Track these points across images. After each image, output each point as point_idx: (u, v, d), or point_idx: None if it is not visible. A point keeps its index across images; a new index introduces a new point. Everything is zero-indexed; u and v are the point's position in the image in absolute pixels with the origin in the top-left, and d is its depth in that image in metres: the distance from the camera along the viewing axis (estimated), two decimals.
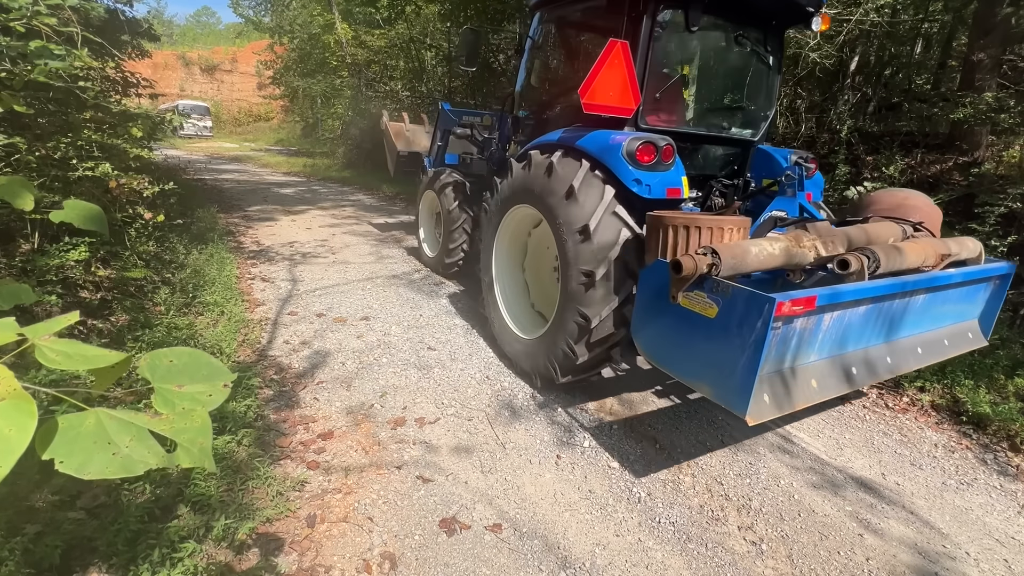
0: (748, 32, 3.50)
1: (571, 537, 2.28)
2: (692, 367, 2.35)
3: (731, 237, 2.53)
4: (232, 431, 2.62)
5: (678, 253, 2.49)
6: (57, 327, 0.75)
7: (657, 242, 2.63)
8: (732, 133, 3.71)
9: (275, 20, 25.26)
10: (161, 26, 19.25)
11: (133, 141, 4.66)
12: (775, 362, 2.25)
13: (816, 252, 2.53)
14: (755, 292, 2.01)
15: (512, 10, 11.79)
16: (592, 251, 2.87)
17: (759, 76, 3.67)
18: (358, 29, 17.18)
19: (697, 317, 2.22)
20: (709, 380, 2.24)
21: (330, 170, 16.22)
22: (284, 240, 7.15)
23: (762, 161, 3.84)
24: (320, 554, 2.08)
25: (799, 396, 2.27)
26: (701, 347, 2.25)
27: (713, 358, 2.19)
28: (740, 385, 2.06)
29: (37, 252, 3.35)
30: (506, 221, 3.78)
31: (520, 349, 3.61)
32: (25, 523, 1.87)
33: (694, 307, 2.23)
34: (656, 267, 2.45)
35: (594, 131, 3.15)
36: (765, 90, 3.72)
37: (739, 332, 2.06)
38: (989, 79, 6.79)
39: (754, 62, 3.62)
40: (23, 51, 3.05)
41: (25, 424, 0.59)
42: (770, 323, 1.95)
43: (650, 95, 3.23)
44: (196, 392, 0.74)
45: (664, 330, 2.44)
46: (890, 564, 2.26)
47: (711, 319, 2.16)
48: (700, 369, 2.29)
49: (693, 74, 3.51)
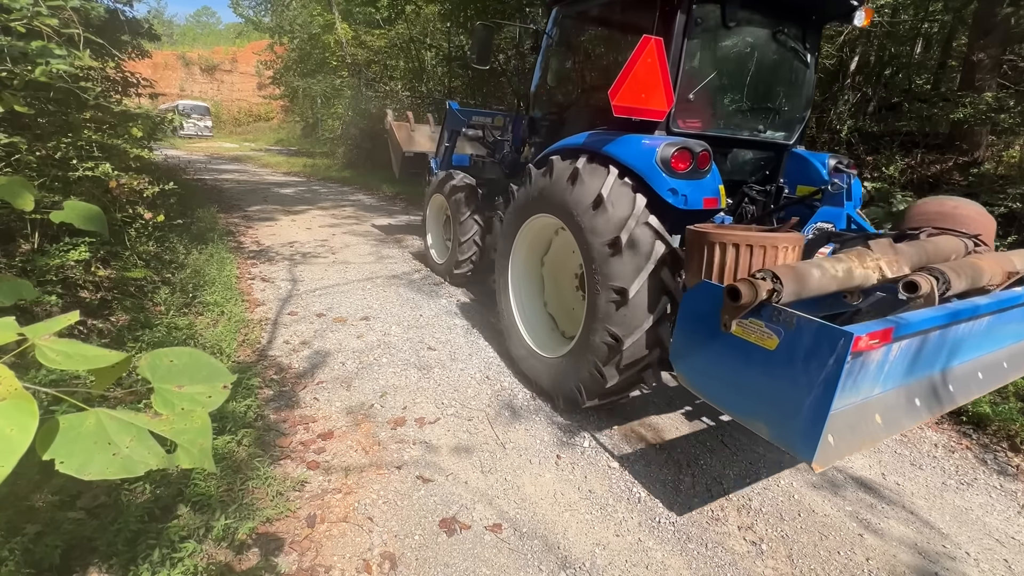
0: (787, 28, 3.27)
1: (571, 537, 2.28)
2: (745, 403, 2.09)
3: (785, 256, 2.28)
4: (232, 431, 2.62)
5: (725, 274, 2.27)
6: (57, 327, 0.75)
7: (700, 261, 2.37)
8: (766, 136, 3.47)
9: (275, 20, 25.27)
10: (161, 26, 19.26)
11: (133, 141, 4.66)
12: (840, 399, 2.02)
13: (880, 272, 2.28)
14: (827, 324, 1.79)
15: (512, 10, 11.77)
16: (624, 266, 2.65)
17: (796, 75, 3.44)
18: (358, 29, 17.20)
19: (753, 348, 1.98)
20: (766, 418, 2.00)
21: (330, 170, 16.23)
22: (284, 240, 7.15)
23: (797, 166, 3.60)
24: (320, 554, 2.08)
25: (864, 435, 2.02)
26: (757, 381, 2.02)
27: (772, 395, 1.95)
28: (806, 428, 1.83)
29: (37, 252, 3.35)
30: (524, 231, 3.55)
31: (540, 368, 3.37)
32: (25, 523, 1.87)
33: (749, 337, 2.00)
34: (702, 290, 2.20)
35: (622, 135, 2.94)
36: (801, 90, 3.49)
37: (805, 368, 1.83)
38: (989, 79, 6.79)
39: (791, 60, 3.39)
40: (25, 51, 3.05)
41: (26, 424, 0.59)
42: (845, 360, 1.72)
43: (682, 96, 3.01)
44: (196, 393, 0.75)
45: (712, 360, 2.18)
46: (890, 564, 2.26)
47: (770, 351, 1.93)
48: (755, 406, 2.04)
49: (728, 73, 3.28)
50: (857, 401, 1.99)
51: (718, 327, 2.09)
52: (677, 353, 2.36)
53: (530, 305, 3.73)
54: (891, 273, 2.31)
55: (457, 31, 14.12)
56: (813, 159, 3.55)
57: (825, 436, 1.81)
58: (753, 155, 3.59)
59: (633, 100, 2.75)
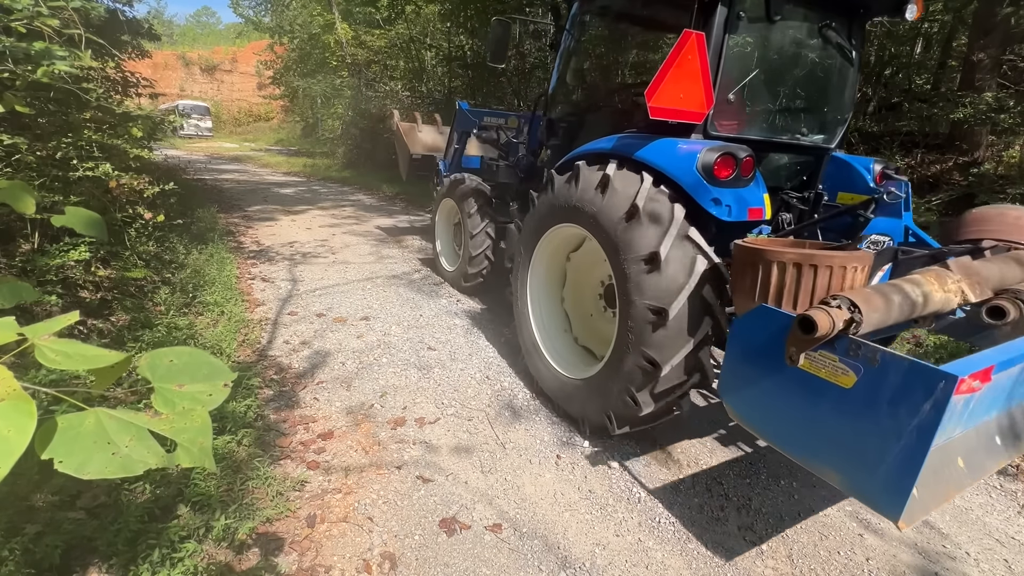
0: (834, 22, 3.02)
1: (571, 537, 2.28)
2: (811, 446, 1.85)
3: (853, 278, 2.02)
4: (232, 431, 2.62)
5: (784, 297, 2.03)
6: (57, 327, 0.75)
7: (753, 281, 2.11)
8: (808, 139, 3.20)
9: (275, 20, 25.30)
10: (161, 26, 19.26)
11: (133, 141, 4.66)
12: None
13: (962, 296, 2.04)
14: (922, 363, 1.55)
15: (511, 10, 11.77)
16: (662, 284, 2.42)
17: (840, 74, 3.19)
18: (358, 29, 17.21)
19: (823, 385, 1.75)
20: (838, 466, 1.77)
21: (330, 170, 16.23)
22: (284, 240, 7.15)
23: (838, 171, 3.35)
24: (320, 554, 2.08)
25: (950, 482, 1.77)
26: (827, 423, 1.77)
27: (847, 440, 1.72)
28: (892, 481, 1.59)
29: (37, 252, 3.35)
30: (544, 242, 3.31)
31: (562, 389, 3.14)
32: (25, 523, 1.87)
33: (819, 372, 1.77)
34: (759, 316, 1.97)
35: (655, 138, 2.72)
36: (845, 90, 3.24)
37: (892, 412, 1.59)
38: (989, 79, 6.79)
39: (836, 58, 3.14)
40: (26, 52, 3.05)
41: (24, 425, 0.59)
42: (946, 406, 1.48)
43: (721, 96, 2.78)
44: (196, 391, 0.75)
45: (771, 396, 1.95)
46: (890, 564, 2.26)
47: (845, 389, 1.70)
48: (824, 450, 1.81)
49: (769, 72, 3.03)
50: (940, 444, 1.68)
51: (779, 358, 1.84)
52: (727, 385, 2.11)
53: (551, 320, 3.50)
54: (974, 297, 2.05)
55: (457, 31, 14.12)
56: (856, 164, 3.31)
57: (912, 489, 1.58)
58: (791, 160, 3.32)
59: (671, 101, 2.52)
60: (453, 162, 5.79)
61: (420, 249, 7.09)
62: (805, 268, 1.99)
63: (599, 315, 3.27)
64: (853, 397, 1.68)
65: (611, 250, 2.66)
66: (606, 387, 2.74)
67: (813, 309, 1.73)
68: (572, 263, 3.44)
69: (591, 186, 2.79)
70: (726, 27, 2.66)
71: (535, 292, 3.50)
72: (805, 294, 2.00)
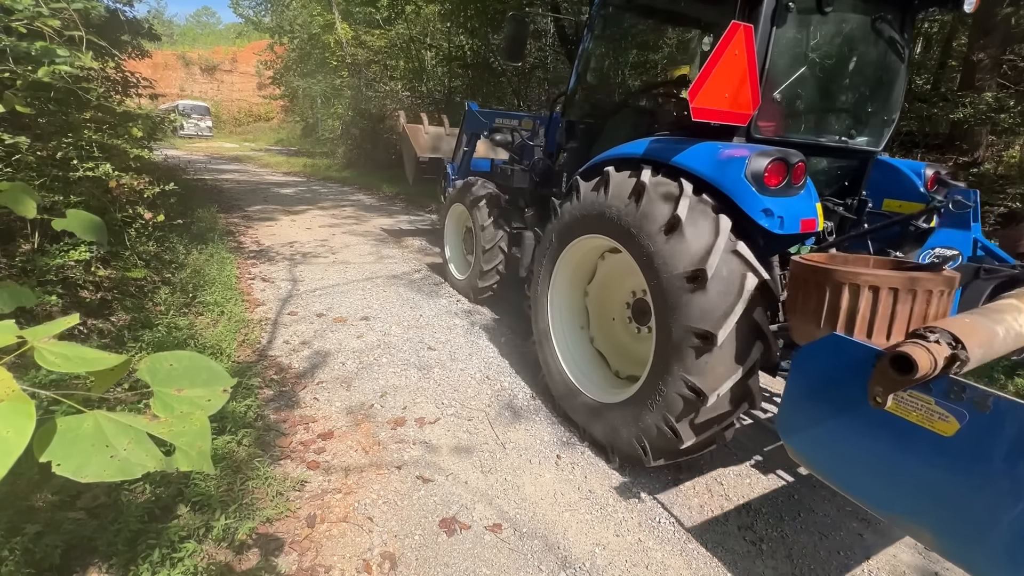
0: (887, 16, 2.80)
1: (571, 537, 2.28)
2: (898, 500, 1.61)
3: (939, 304, 1.78)
4: (232, 431, 2.62)
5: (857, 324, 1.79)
6: (57, 329, 0.75)
7: (819, 304, 1.87)
8: (855, 142, 2.96)
9: (275, 20, 25.31)
10: (161, 26, 19.27)
11: (133, 141, 4.67)
12: None
13: None
14: None
15: (512, 10, 11.77)
16: (708, 304, 2.19)
17: (891, 71, 2.96)
18: (358, 29, 17.21)
19: (915, 430, 1.50)
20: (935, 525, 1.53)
21: (330, 170, 16.24)
22: (284, 240, 7.15)
23: (884, 176, 3.10)
24: (320, 554, 2.09)
25: None
26: (920, 475, 1.53)
27: (947, 497, 1.47)
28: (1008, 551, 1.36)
29: (37, 252, 3.35)
30: (567, 253, 3.08)
31: (586, 411, 2.92)
32: (25, 523, 1.88)
33: (910, 416, 1.51)
34: (832, 346, 1.70)
35: (693, 142, 2.50)
36: (894, 89, 3.01)
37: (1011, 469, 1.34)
38: (989, 79, 6.79)
39: (888, 54, 2.91)
40: (28, 52, 3.05)
41: (23, 426, 0.59)
42: None
43: (766, 96, 2.56)
44: (195, 396, 0.75)
45: (846, 439, 1.69)
46: (890, 564, 2.26)
47: (945, 438, 1.45)
48: (915, 506, 1.57)
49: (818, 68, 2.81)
50: None
51: (855, 396, 1.59)
52: (789, 424, 1.87)
53: (573, 336, 3.27)
54: None
55: (457, 31, 14.12)
56: (905, 168, 3.07)
57: None
58: (833, 163, 3.07)
59: (716, 101, 2.29)
60: (462, 165, 5.64)
61: (420, 249, 7.10)
62: (884, 292, 1.75)
63: (627, 333, 3.05)
64: (955, 447, 1.43)
65: (647, 265, 2.41)
66: (640, 414, 2.51)
67: (909, 345, 1.44)
68: (597, 277, 3.22)
69: (623, 194, 2.56)
70: (774, 19, 2.43)
71: (556, 305, 3.27)
72: (882, 321, 1.77)
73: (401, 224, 8.82)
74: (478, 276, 4.76)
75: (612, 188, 2.64)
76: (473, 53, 13.81)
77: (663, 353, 2.37)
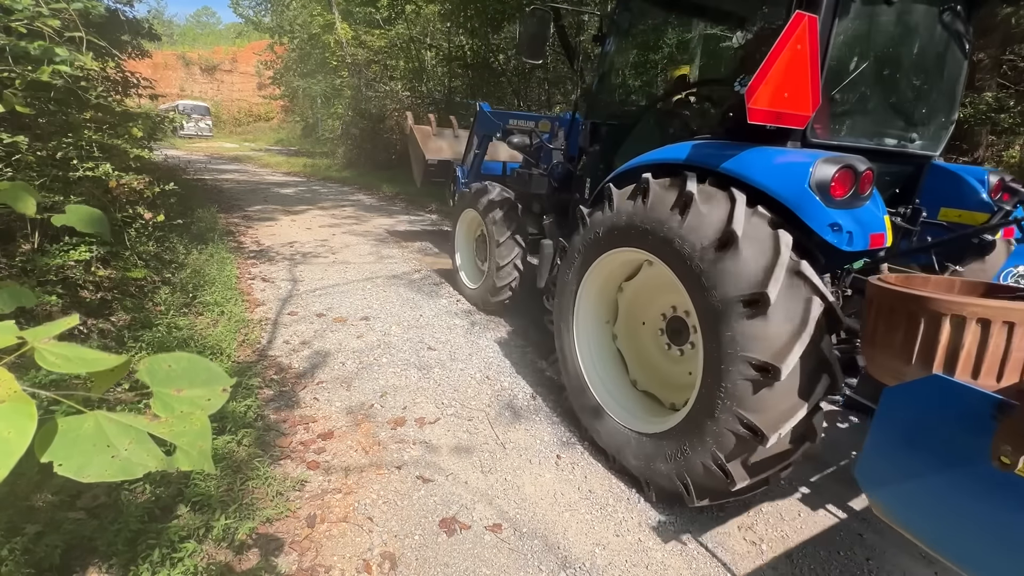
0: (955, 6, 2.56)
1: (571, 537, 2.28)
2: None
3: None
4: (232, 431, 2.62)
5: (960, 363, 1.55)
6: (57, 330, 0.75)
7: (911, 338, 1.63)
8: (913, 146, 2.71)
9: (275, 20, 25.33)
10: (161, 26, 19.28)
11: (133, 141, 4.67)
12: None
13: None
14: None
15: (512, 10, 11.77)
16: (769, 333, 1.94)
17: (953, 69, 2.71)
18: (358, 29, 17.22)
19: None
20: None
21: (330, 170, 16.24)
22: (284, 240, 7.16)
23: (940, 183, 2.84)
24: (320, 554, 2.09)
25: None
26: None
27: None
28: None
29: (37, 252, 3.36)
30: (597, 268, 2.82)
31: (618, 439, 2.65)
32: (25, 523, 1.88)
33: None
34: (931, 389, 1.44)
35: (744, 147, 2.25)
36: (956, 88, 2.77)
37: None
38: (989, 79, 6.79)
39: (952, 50, 2.67)
40: (27, 51, 3.06)
41: (24, 426, 0.59)
42: None
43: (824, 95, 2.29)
44: (195, 396, 0.75)
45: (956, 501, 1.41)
46: (890, 564, 2.26)
47: None
48: None
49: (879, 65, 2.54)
50: None
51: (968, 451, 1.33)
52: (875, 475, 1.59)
53: (602, 359, 3.01)
54: None
55: (457, 31, 14.12)
56: (965, 174, 2.79)
57: None
58: (887, 169, 2.78)
59: (775, 101, 2.05)
60: (472, 168, 5.45)
61: (420, 249, 7.10)
62: (996, 325, 1.50)
63: (660, 353, 2.81)
64: None
65: (693, 285, 2.17)
66: (682, 448, 2.27)
67: None
68: (627, 293, 2.98)
69: (665, 205, 2.30)
70: (836, 9, 2.18)
71: (583, 325, 3.01)
72: (993, 360, 1.52)
73: (401, 224, 8.82)
74: (490, 290, 4.54)
75: (652, 197, 2.37)
76: (473, 53, 13.82)
77: (712, 383, 2.11)
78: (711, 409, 2.12)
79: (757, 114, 2.06)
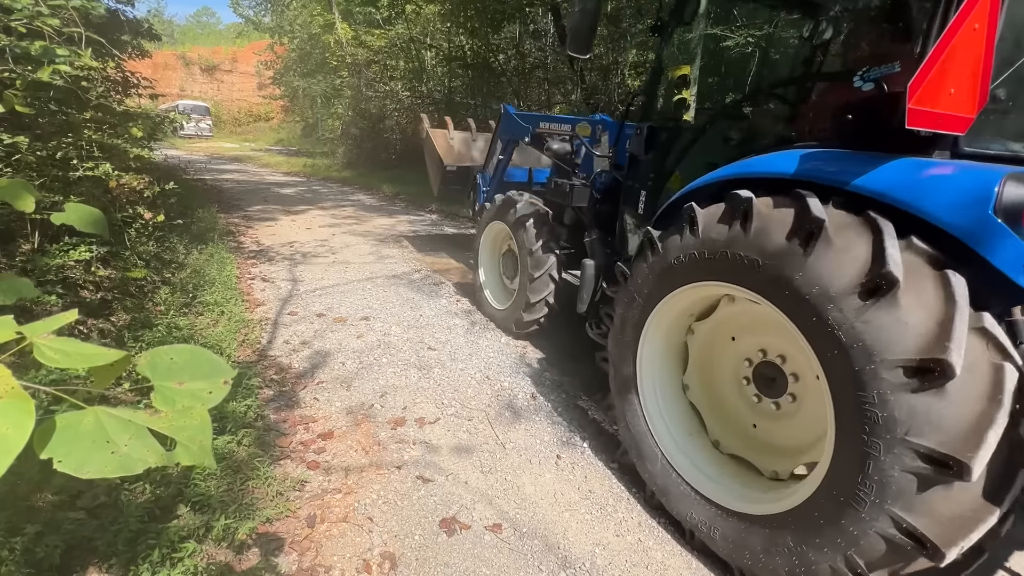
0: None
1: (571, 537, 2.28)
2: None
3: None
4: (232, 431, 2.62)
5: None
6: (55, 325, 0.75)
7: None
8: None
9: (275, 20, 25.37)
10: (161, 26, 19.31)
11: (133, 141, 4.67)
12: None
13: None
14: None
15: (512, 10, 11.77)
16: (947, 414, 1.46)
17: None
18: (358, 29, 17.21)
19: None
20: None
21: (330, 170, 16.24)
22: (284, 240, 7.15)
23: None
24: (320, 554, 2.08)
25: None
26: None
27: None
28: None
29: (37, 252, 3.35)
30: (668, 304, 2.34)
31: (706, 518, 2.16)
32: (25, 523, 1.87)
33: None
34: None
35: (882, 160, 1.76)
36: None
37: None
38: None
39: None
40: (27, 51, 3.06)
41: (23, 423, 0.59)
42: None
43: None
44: (196, 389, 0.74)
45: None
46: None
47: None
48: None
49: None
50: None
51: None
52: None
53: (670, 411, 2.53)
54: None
55: (457, 31, 14.13)
56: None
57: None
58: None
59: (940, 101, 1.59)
60: (495, 175, 5.05)
61: (420, 249, 7.09)
62: None
63: (748, 408, 2.35)
64: None
65: (823, 340, 1.69)
66: (797, 540, 1.80)
67: None
68: (695, 337, 2.52)
69: (777, 232, 1.81)
70: None
71: (648, 371, 2.54)
72: None
73: (401, 224, 8.82)
74: (523, 308, 4.01)
75: (757, 222, 1.87)
76: (473, 53, 13.82)
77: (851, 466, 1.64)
78: (850, 500, 1.64)
79: (917, 117, 1.57)
